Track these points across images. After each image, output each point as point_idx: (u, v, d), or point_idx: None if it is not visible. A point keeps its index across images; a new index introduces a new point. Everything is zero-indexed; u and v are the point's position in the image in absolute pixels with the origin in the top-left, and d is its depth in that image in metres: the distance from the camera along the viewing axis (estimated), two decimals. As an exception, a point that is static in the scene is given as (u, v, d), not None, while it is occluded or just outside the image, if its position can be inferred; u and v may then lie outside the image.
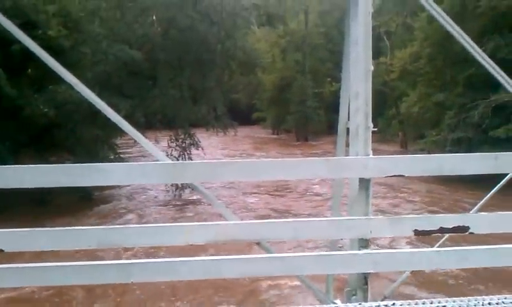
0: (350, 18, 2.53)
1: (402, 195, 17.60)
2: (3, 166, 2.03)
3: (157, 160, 2.37)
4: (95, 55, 16.69)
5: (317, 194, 17.97)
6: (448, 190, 17.63)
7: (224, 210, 2.46)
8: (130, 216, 15.35)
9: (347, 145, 2.62)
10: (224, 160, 2.17)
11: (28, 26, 12.82)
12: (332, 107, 35.56)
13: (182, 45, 18.27)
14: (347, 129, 2.65)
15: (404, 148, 30.36)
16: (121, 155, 19.15)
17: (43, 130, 15.79)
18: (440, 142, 20.21)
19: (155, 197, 18.16)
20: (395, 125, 31.14)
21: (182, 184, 15.10)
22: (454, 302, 2.23)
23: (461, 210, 14.11)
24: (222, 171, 2.24)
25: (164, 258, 2.26)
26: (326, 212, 14.79)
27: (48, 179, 2.09)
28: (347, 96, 2.81)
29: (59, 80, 2.47)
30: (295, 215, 15.08)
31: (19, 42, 2.29)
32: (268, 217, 14.66)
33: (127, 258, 8.87)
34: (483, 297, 2.28)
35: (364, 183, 2.29)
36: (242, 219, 2.97)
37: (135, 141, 2.46)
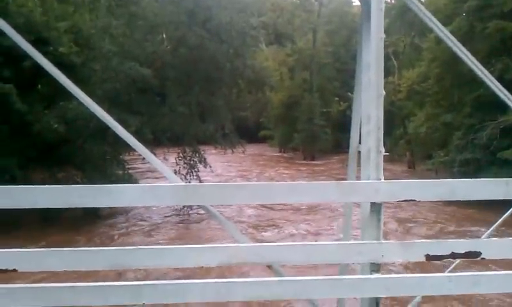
0: (362, 42, 2.55)
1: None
2: (17, 187, 2.05)
3: (166, 179, 2.39)
4: (105, 72, 16.80)
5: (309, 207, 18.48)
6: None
7: (235, 232, 2.46)
8: (138, 229, 15.53)
9: (358, 165, 2.61)
10: (236, 183, 2.18)
11: (40, 42, 12.99)
12: (339, 126, 35.64)
13: (191, 63, 18.39)
14: (359, 152, 2.65)
15: (412, 168, 30.19)
16: (130, 171, 19.11)
17: (52, 146, 15.89)
18: (448, 163, 20.11)
19: (162, 209, 18.21)
20: (402, 145, 31.03)
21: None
22: None
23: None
24: (234, 193, 2.24)
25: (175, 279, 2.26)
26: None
27: (60, 200, 2.11)
28: (358, 119, 2.80)
29: (70, 96, 2.50)
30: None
31: (30, 58, 2.32)
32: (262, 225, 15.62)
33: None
34: None
35: (376, 207, 2.28)
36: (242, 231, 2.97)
37: (143, 157, 2.49)
